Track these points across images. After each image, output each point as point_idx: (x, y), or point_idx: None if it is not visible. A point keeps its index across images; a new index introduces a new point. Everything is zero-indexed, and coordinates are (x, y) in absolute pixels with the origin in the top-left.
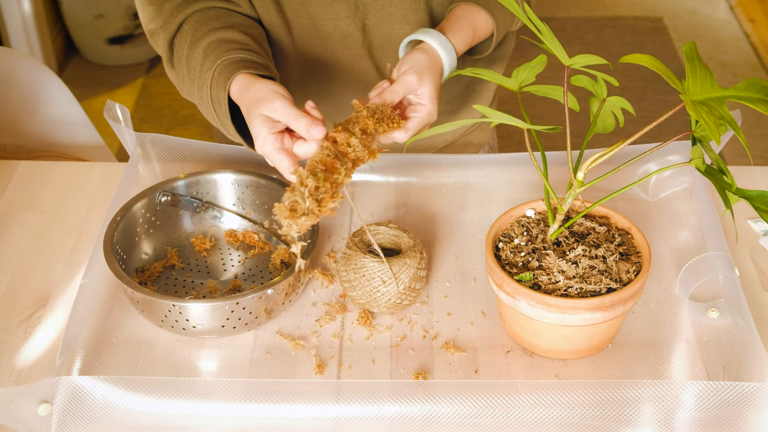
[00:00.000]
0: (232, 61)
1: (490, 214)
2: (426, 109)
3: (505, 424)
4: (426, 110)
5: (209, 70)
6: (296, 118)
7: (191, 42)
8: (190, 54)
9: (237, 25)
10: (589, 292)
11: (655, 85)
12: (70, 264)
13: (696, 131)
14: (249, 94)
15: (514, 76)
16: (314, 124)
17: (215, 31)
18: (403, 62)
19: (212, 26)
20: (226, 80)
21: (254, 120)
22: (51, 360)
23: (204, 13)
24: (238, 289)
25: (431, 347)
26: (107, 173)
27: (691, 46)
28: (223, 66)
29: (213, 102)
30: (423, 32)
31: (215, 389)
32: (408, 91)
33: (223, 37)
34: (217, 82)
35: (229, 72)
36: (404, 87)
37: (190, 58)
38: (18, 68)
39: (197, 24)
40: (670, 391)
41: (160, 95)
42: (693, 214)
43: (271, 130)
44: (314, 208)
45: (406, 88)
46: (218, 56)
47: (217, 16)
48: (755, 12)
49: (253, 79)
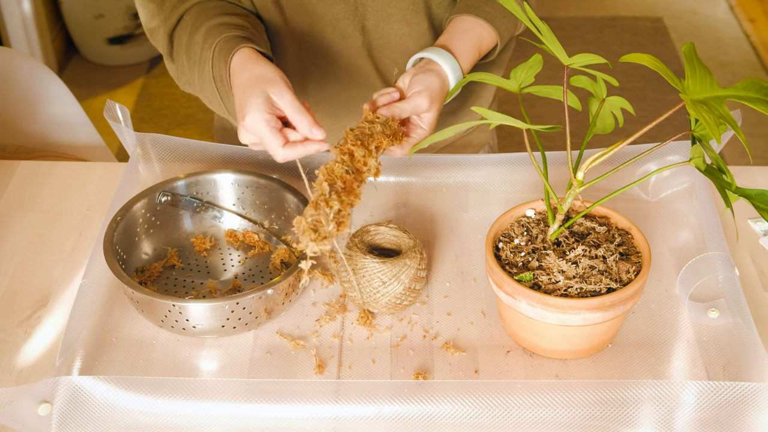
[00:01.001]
0: (233, 36)
1: (490, 214)
2: (423, 134)
3: (505, 424)
4: (423, 134)
5: (209, 49)
6: (300, 112)
7: (191, 30)
8: (190, 41)
9: (237, 13)
10: (589, 292)
11: (655, 84)
12: (70, 264)
13: (696, 130)
14: (254, 69)
15: (513, 77)
16: (316, 125)
17: (216, 17)
18: (417, 81)
19: (213, 14)
20: (227, 54)
21: (256, 94)
22: (51, 360)
23: (205, 4)
24: (238, 289)
25: (431, 347)
26: (107, 173)
27: (689, 46)
28: (223, 42)
29: (215, 79)
30: (437, 53)
31: (215, 389)
32: (415, 112)
33: (225, 21)
34: (218, 58)
35: (231, 46)
36: (414, 108)
37: (191, 44)
38: (18, 68)
39: (197, 14)
40: (670, 391)
41: (160, 95)
42: (693, 214)
43: (270, 110)
44: (334, 232)
45: (415, 109)
46: (219, 34)
47: (218, 6)
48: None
49: (258, 57)
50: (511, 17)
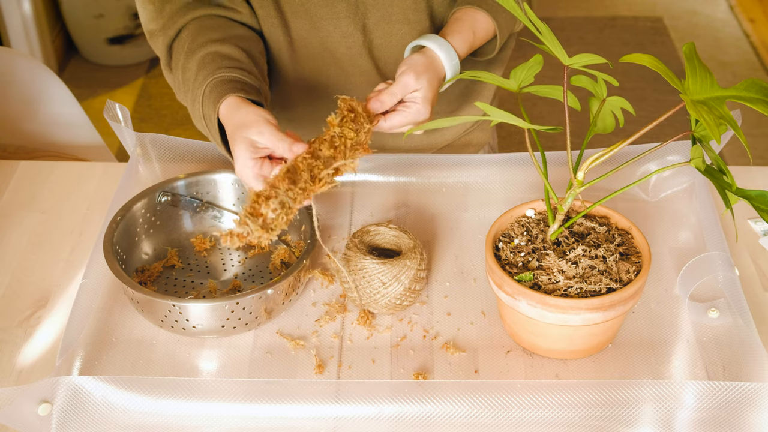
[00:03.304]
0: (222, 80)
1: (490, 214)
2: (416, 108)
3: (505, 424)
4: (415, 108)
5: (200, 87)
6: (280, 139)
7: (187, 52)
8: (185, 64)
9: (234, 38)
10: (589, 292)
11: (655, 85)
12: (70, 264)
13: (696, 131)
14: (236, 117)
15: (513, 76)
16: (295, 142)
17: (211, 44)
18: (402, 64)
19: (209, 37)
20: (215, 100)
21: (238, 143)
22: (51, 360)
23: (203, 21)
24: (238, 289)
25: (431, 347)
26: (107, 173)
27: (690, 46)
28: (213, 84)
29: (204, 117)
30: (424, 38)
31: (215, 389)
32: (406, 91)
33: (219, 51)
34: (208, 99)
35: (219, 92)
36: (402, 88)
37: (186, 68)
38: (18, 68)
39: (195, 33)
40: (670, 391)
41: (160, 95)
42: (693, 214)
43: (253, 155)
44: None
45: (404, 89)
46: (210, 72)
47: (216, 26)
48: (755, 12)
49: (241, 103)
50: (511, 15)
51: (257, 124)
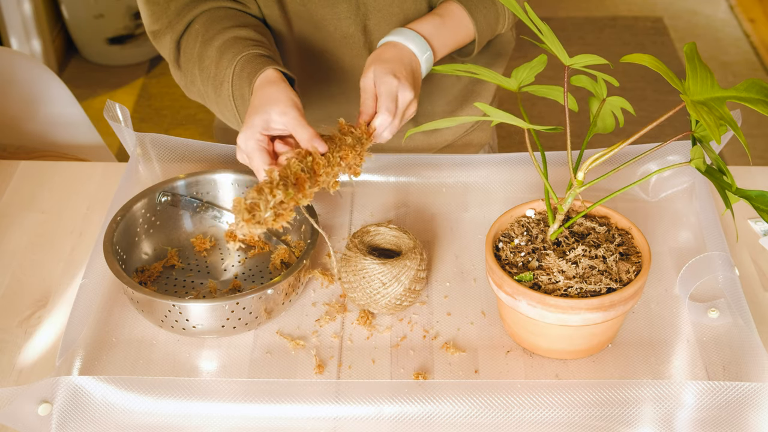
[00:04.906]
0: (254, 55)
1: (490, 214)
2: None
3: (505, 424)
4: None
5: (228, 67)
6: (303, 126)
7: (203, 41)
8: (202, 53)
9: (248, 24)
10: (589, 292)
11: (655, 85)
12: (70, 264)
13: (696, 131)
14: (267, 91)
15: (514, 76)
16: (317, 138)
17: (229, 30)
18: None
19: (225, 25)
20: (251, 74)
21: (256, 116)
22: (51, 360)
23: (214, 12)
24: (238, 289)
25: (431, 347)
26: (107, 173)
27: (691, 46)
28: (245, 61)
29: (234, 98)
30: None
31: (215, 389)
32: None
33: (238, 35)
34: (239, 77)
35: (254, 66)
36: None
37: (203, 56)
38: (18, 68)
39: (208, 23)
40: (670, 391)
41: (160, 95)
42: (693, 214)
43: (262, 130)
44: (270, 220)
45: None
46: (238, 52)
47: (228, 15)
48: (755, 12)
49: (279, 79)
50: (492, 13)
51: (284, 104)
